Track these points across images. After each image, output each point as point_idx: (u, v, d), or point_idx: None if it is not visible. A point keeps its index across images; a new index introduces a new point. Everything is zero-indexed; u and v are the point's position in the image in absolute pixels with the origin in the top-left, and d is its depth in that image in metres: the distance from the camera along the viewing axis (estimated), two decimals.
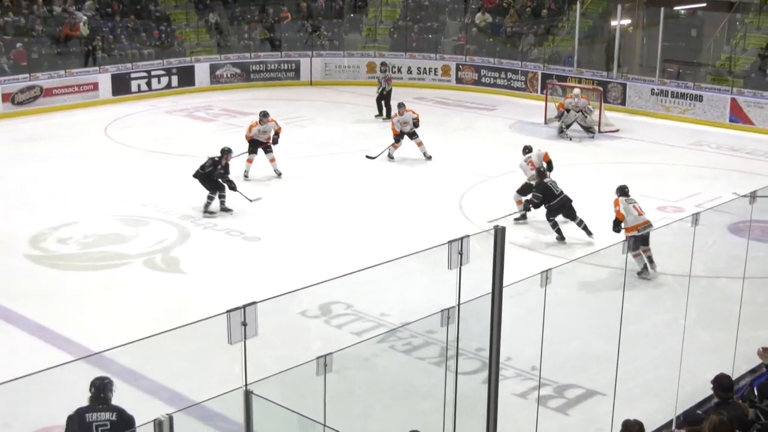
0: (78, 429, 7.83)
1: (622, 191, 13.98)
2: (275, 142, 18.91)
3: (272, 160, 18.80)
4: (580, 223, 15.03)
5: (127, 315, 12.19)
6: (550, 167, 16.21)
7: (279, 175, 18.79)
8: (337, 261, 13.63)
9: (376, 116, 25.15)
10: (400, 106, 20.65)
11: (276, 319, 9.22)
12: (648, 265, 13.26)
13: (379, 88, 25.38)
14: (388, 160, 20.51)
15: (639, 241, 13.15)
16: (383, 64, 26.84)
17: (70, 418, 7.87)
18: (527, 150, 16.84)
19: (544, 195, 15.09)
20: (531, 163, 16.34)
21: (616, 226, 13.73)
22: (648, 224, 13.61)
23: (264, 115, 18.81)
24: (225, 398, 5.94)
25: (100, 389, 7.99)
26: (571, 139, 22.64)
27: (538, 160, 16.40)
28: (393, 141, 20.47)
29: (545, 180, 15.25)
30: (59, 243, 15.07)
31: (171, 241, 15.18)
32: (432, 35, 31.25)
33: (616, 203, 13.79)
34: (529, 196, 15.54)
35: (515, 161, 20.18)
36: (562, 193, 15.07)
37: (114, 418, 7.85)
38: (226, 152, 16.52)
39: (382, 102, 25.17)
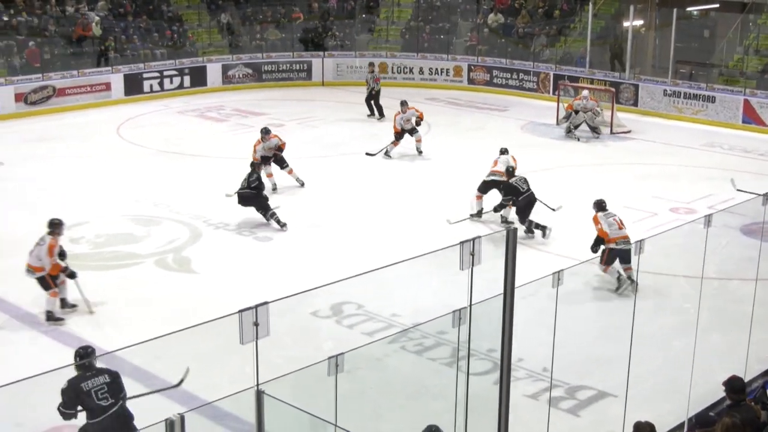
0: (77, 399, 8.20)
1: (600, 206, 13.39)
2: (277, 157, 18.01)
3: (290, 172, 18.19)
4: (529, 224, 15.16)
5: (138, 315, 12.22)
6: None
7: (302, 184, 18.26)
8: (348, 261, 13.64)
9: (368, 116, 25.21)
10: (403, 104, 20.80)
11: (287, 319, 9.24)
12: (629, 284, 12.65)
13: (368, 89, 25.43)
14: (383, 157, 20.68)
15: (616, 255, 12.78)
16: (371, 64, 26.76)
17: (65, 391, 8.19)
18: (501, 152, 16.93)
19: (511, 195, 15.30)
20: (495, 163, 16.54)
21: (596, 245, 13.07)
22: (627, 239, 12.96)
23: (265, 131, 18.02)
24: (236, 398, 5.95)
25: (85, 357, 8.48)
26: (578, 140, 22.63)
27: (503, 166, 16.41)
28: (393, 138, 20.71)
29: (511, 180, 15.38)
30: (71, 242, 15.07)
31: (183, 240, 15.20)
32: (444, 36, 31.23)
33: (596, 220, 13.17)
34: (499, 200, 15.71)
35: (526, 162, 20.21)
36: (528, 190, 15.23)
37: (108, 379, 8.32)
38: (258, 164, 16.35)
39: (372, 102, 25.22)
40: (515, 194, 15.25)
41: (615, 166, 20.35)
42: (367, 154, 20.64)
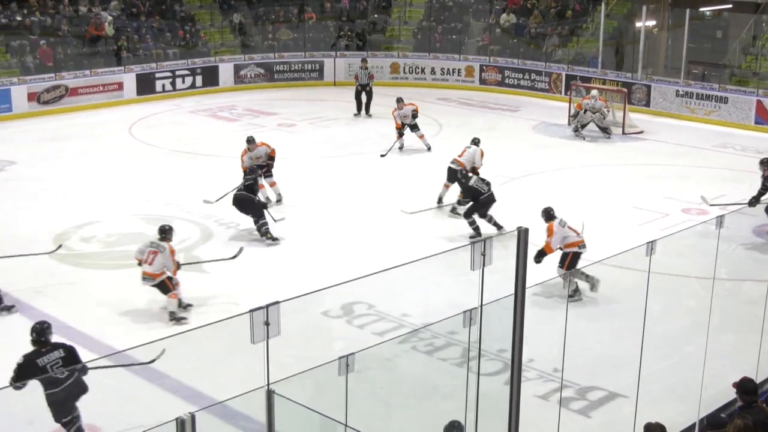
0: (33, 374, 8.53)
1: (549, 214, 12.90)
2: (269, 168, 16.99)
3: (272, 184, 17.10)
4: (490, 219, 15.27)
5: (149, 314, 12.25)
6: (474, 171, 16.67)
7: (279, 200, 17.10)
8: (359, 261, 13.64)
9: (355, 115, 25.36)
10: (399, 100, 21.15)
11: (298, 318, 9.25)
12: (588, 282, 12.44)
13: (358, 83, 25.52)
14: (399, 152, 20.98)
15: (578, 259, 12.62)
16: (364, 60, 26.75)
17: (20, 366, 8.56)
18: (473, 142, 17.30)
19: (471, 197, 15.39)
20: (463, 152, 16.99)
21: (540, 256, 12.52)
22: (584, 243, 12.74)
23: (249, 141, 16.90)
24: (247, 397, 5.96)
25: (41, 333, 8.86)
26: (584, 139, 22.61)
27: (468, 161, 16.78)
28: (398, 134, 21.11)
29: (470, 183, 15.45)
30: (82, 242, 15.16)
31: (194, 240, 15.23)
32: (456, 36, 31.21)
33: (551, 231, 12.64)
34: (458, 198, 16.02)
35: (538, 163, 20.22)
36: (489, 190, 15.32)
37: (63, 354, 8.73)
38: (255, 169, 16.09)
39: (361, 99, 25.36)
40: (476, 196, 15.29)
41: (627, 167, 20.30)
42: (382, 156, 20.73)
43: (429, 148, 21.27)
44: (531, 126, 24.62)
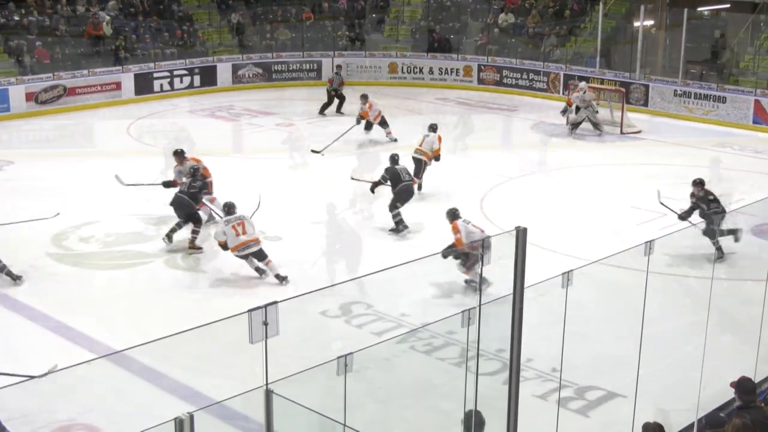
0: None
1: (454, 215, 13.14)
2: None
3: (212, 200, 15.68)
4: (396, 216, 15.49)
5: (147, 314, 12.24)
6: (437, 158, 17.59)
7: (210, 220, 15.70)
8: (357, 261, 13.62)
9: (319, 113, 25.47)
10: (364, 97, 21.80)
11: (297, 318, 9.24)
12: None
13: (329, 89, 25.63)
14: (392, 141, 21.38)
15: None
16: (338, 66, 27.02)
17: None
18: (430, 128, 17.77)
19: (390, 179, 15.74)
20: (423, 140, 17.54)
21: (450, 248, 12.72)
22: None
23: (178, 153, 16.01)
24: (246, 397, 5.96)
25: None
26: (572, 136, 22.63)
27: (428, 149, 17.41)
28: (357, 123, 21.88)
29: (396, 167, 15.83)
30: (81, 241, 15.14)
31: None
32: (454, 36, 31.21)
33: (456, 229, 12.90)
34: (378, 178, 16.29)
35: (536, 163, 20.22)
36: (409, 180, 15.68)
37: None
38: (197, 171, 15.24)
39: (330, 102, 25.48)
40: (396, 181, 15.58)
41: (625, 166, 20.30)
42: (314, 151, 20.78)
43: (394, 140, 21.55)
44: (529, 126, 24.63)
